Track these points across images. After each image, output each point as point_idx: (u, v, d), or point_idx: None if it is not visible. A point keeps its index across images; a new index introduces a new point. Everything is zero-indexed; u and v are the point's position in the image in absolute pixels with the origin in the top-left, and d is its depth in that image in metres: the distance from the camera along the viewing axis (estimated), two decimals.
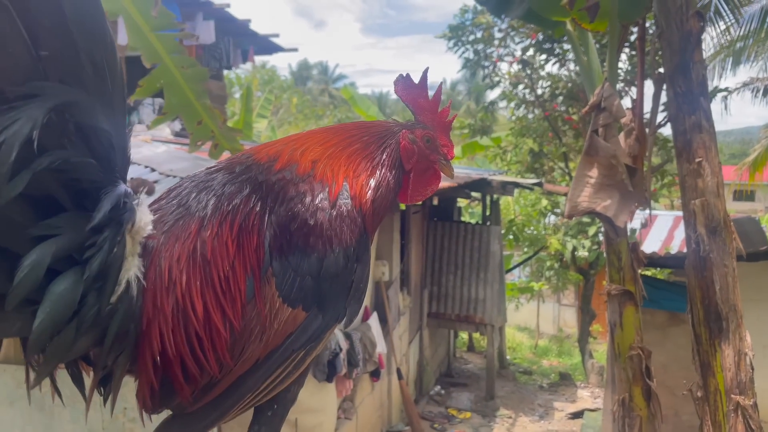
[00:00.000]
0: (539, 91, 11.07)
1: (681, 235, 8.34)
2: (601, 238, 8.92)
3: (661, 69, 3.13)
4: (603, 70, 3.71)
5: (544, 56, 10.70)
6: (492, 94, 13.27)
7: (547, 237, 12.24)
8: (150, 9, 2.94)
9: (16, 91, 0.77)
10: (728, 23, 6.89)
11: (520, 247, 13.81)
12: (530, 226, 13.08)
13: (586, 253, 11.03)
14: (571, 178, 8.18)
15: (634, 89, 8.67)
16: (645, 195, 3.44)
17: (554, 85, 10.78)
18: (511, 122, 12.27)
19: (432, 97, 1.23)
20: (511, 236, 12.94)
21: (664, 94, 3.16)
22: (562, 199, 11.25)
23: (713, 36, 7.77)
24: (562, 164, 11.47)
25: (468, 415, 8.55)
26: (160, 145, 5.90)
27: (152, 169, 4.72)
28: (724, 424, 2.75)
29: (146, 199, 0.97)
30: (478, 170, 10.89)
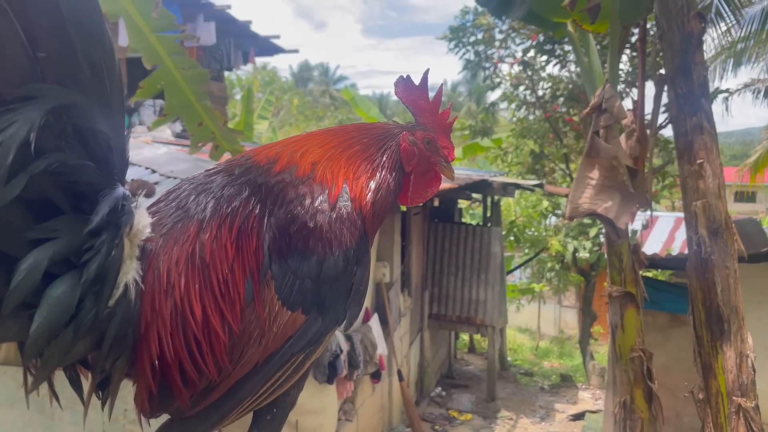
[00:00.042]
0: (540, 93, 11.07)
1: (682, 237, 8.33)
2: (602, 239, 8.91)
3: (662, 70, 3.12)
4: (604, 71, 3.70)
5: (545, 57, 10.70)
6: (493, 96, 13.26)
7: (548, 238, 12.23)
8: (151, 10, 2.94)
9: (13, 93, 0.77)
10: (729, 24, 6.89)
11: (521, 248, 13.80)
12: (531, 228, 13.07)
13: (587, 255, 11.02)
14: (572, 180, 8.17)
15: (635, 90, 8.68)
16: (646, 196, 3.44)
17: (555, 87, 10.78)
18: (512, 123, 12.27)
19: (432, 99, 1.22)
20: (512, 237, 12.94)
21: (665, 96, 3.16)
22: (563, 201, 11.25)
23: (714, 37, 7.77)
24: (563, 165, 11.46)
25: (469, 416, 8.54)
26: (161, 147, 5.90)
27: (153, 171, 4.72)
28: (726, 426, 2.75)
29: (145, 202, 0.96)
30: (479, 171, 10.88)
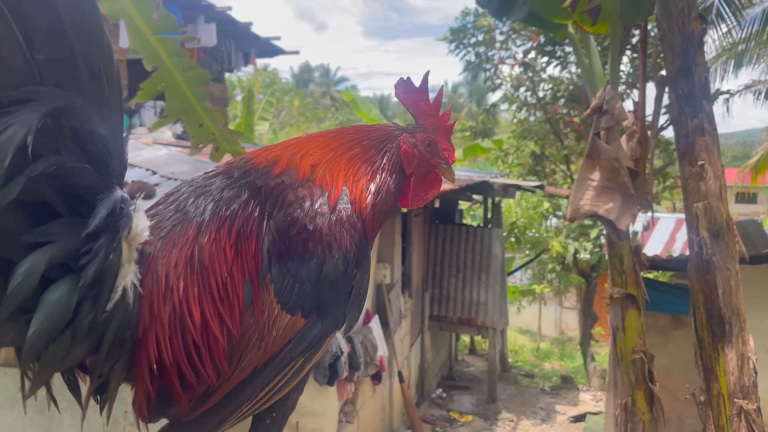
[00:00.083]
0: (541, 94, 11.06)
1: (683, 238, 8.33)
2: (603, 240, 8.91)
3: (663, 71, 3.12)
4: (605, 72, 3.70)
5: (545, 59, 10.70)
6: (493, 97, 13.24)
7: (548, 240, 12.23)
8: (151, 12, 2.93)
9: (11, 96, 0.76)
10: (730, 26, 6.89)
11: (521, 249, 13.80)
12: (532, 229, 13.07)
13: (587, 256, 11.02)
14: (573, 181, 8.16)
15: (635, 92, 8.66)
16: (647, 198, 3.43)
17: (556, 88, 10.77)
18: (513, 125, 12.28)
19: (433, 101, 1.21)
20: (512, 239, 12.94)
21: (666, 97, 3.15)
22: (563, 202, 11.24)
23: (715, 38, 7.77)
24: (564, 167, 11.45)
25: (470, 418, 8.53)
26: (162, 148, 5.90)
27: (153, 172, 4.71)
28: (728, 428, 2.74)
29: (143, 205, 0.95)
30: (480, 173, 10.88)
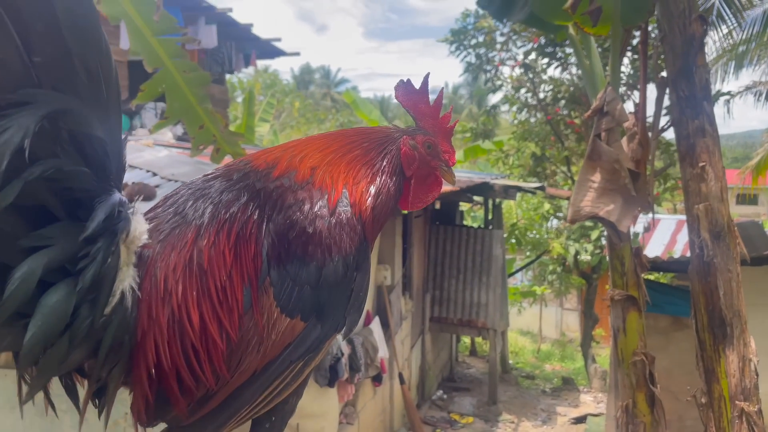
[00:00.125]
0: (541, 95, 11.06)
1: (684, 239, 8.31)
2: (604, 242, 8.89)
3: (664, 73, 3.11)
4: (605, 74, 3.69)
5: (546, 60, 10.70)
6: (494, 98, 13.25)
7: (549, 241, 12.22)
8: (152, 13, 2.94)
9: (8, 99, 0.76)
10: (731, 27, 6.89)
11: (522, 251, 13.80)
12: (532, 230, 13.07)
13: (588, 257, 11.01)
14: (574, 182, 8.14)
15: (636, 93, 8.66)
16: (648, 199, 3.42)
17: (556, 89, 10.76)
18: (514, 126, 12.27)
19: (433, 103, 1.21)
20: (513, 240, 12.94)
21: (667, 98, 3.15)
22: (564, 203, 11.23)
23: (716, 40, 7.78)
24: (565, 168, 11.45)
25: (470, 419, 8.52)
26: (162, 150, 5.90)
27: (154, 174, 4.72)
28: (729, 430, 2.73)
29: (142, 208, 0.95)
30: (481, 174, 10.88)
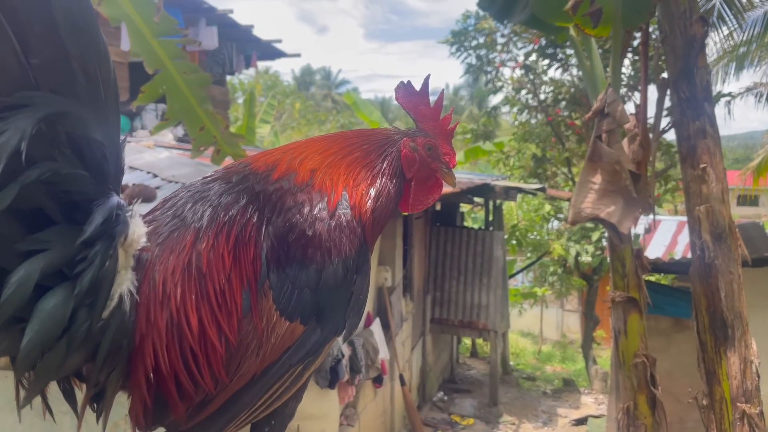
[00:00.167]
0: (542, 96, 11.05)
1: (685, 241, 8.30)
2: (605, 243, 8.88)
3: (665, 74, 3.11)
4: (606, 75, 3.68)
5: (546, 61, 10.70)
6: (495, 99, 13.25)
7: (550, 242, 12.21)
8: (152, 15, 2.94)
9: (4, 102, 0.75)
10: (731, 28, 6.87)
11: (523, 252, 13.79)
12: (533, 232, 13.05)
13: (589, 259, 11.00)
14: (574, 183, 8.13)
15: (637, 94, 8.66)
16: (649, 201, 3.42)
17: (557, 90, 10.76)
18: (514, 127, 12.27)
19: (434, 105, 1.20)
20: (514, 241, 12.92)
21: (667, 100, 3.14)
22: (565, 204, 11.22)
23: (716, 41, 7.77)
24: (565, 169, 11.44)
25: (471, 421, 8.51)
26: (163, 151, 5.90)
27: (154, 175, 4.72)
28: None
29: (140, 211, 0.94)
30: (481, 175, 10.88)
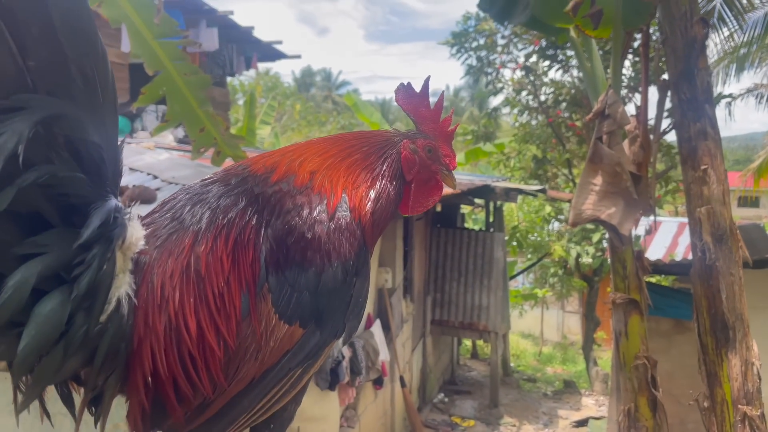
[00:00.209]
0: (542, 98, 11.05)
1: (685, 242, 8.29)
2: (605, 244, 8.88)
3: (666, 75, 3.10)
4: (607, 76, 3.68)
5: (547, 63, 10.70)
6: (495, 101, 13.24)
7: (550, 243, 12.20)
8: (153, 16, 2.94)
9: (1, 104, 0.75)
10: (732, 29, 6.86)
11: (523, 253, 13.78)
12: (534, 233, 13.05)
13: (590, 260, 10.99)
14: (575, 185, 8.13)
15: (637, 96, 8.65)
16: (650, 202, 3.41)
17: (557, 92, 10.76)
18: (515, 128, 12.27)
19: (434, 107, 1.20)
20: (514, 243, 12.92)
21: (668, 101, 3.13)
22: (565, 206, 11.22)
23: (717, 42, 7.73)
24: (566, 171, 11.44)
25: (472, 423, 8.50)
26: (163, 152, 5.90)
27: (154, 177, 4.71)
28: None
29: (138, 213, 0.94)
30: (482, 177, 10.88)
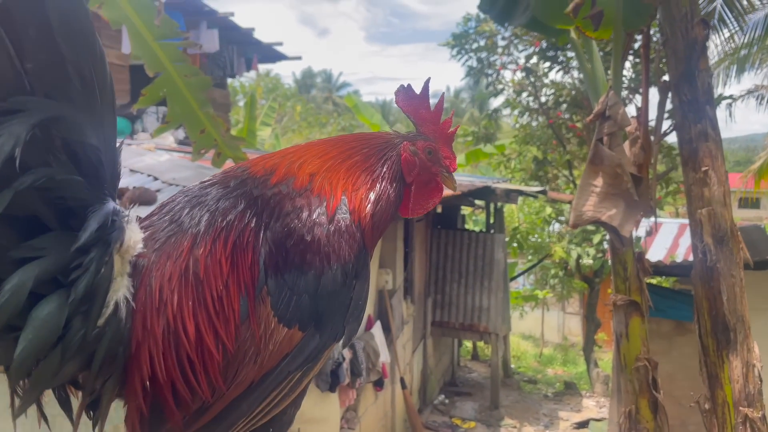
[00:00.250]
0: (543, 99, 11.05)
1: (686, 243, 8.29)
2: (606, 246, 8.87)
3: (666, 77, 3.10)
4: (607, 78, 3.67)
5: (547, 64, 10.70)
6: (496, 102, 13.26)
7: (551, 245, 12.20)
8: (153, 18, 2.94)
9: None
10: (732, 31, 6.86)
11: (524, 255, 13.78)
12: (534, 234, 13.05)
13: (590, 262, 10.99)
14: (575, 186, 8.12)
15: (638, 97, 8.65)
16: (650, 204, 3.40)
17: (558, 93, 10.76)
18: (515, 130, 12.27)
19: (434, 108, 1.19)
20: (515, 244, 12.92)
21: (669, 102, 3.13)
22: (566, 207, 11.22)
23: (717, 43, 7.74)
24: (566, 172, 11.44)
25: (472, 424, 8.49)
26: (164, 154, 5.90)
27: (155, 178, 4.71)
28: None
29: (137, 216, 0.93)
30: (482, 178, 10.88)
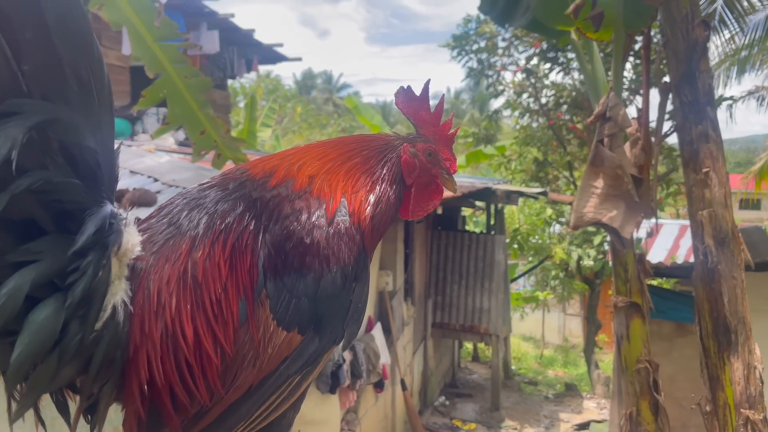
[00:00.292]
0: (543, 100, 11.05)
1: (687, 244, 8.30)
2: (607, 247, 8.87)
3: (667, 78, 3.09)
4: (608, 79, 3.67)
5: (548, 65, 10.70)
6: (496, 103, 13.28)
7: (551, 246, 12.20)
8: (153, 19, 2.94)
9: None
10: (733, 32, 6.87)
11: (524, 256, 13.78)
12: (535, 236, 13.05)
13: (591, 263, 10.99)
14: (576, 187, 8.12)
15: (639, 98, 8.65)
16: (651, 205, 3.40)
17: (558, 94, 10.76)
18: (516, 131, 12.28)
19: (434, 110, 1.19)
20: (515, 245, 12.92)
21: (669, 104, 3.13)
22: (566, 208, 11.22)
23: (718, 45, 7.76)
24: (567, 173, 11.44)
25: (473, 426, 8.49)
26: (164, 155, 5.89)
27: (155, 179, 4.70)
28: None
29: (135, 218, 0.93)
30: (483, 179, 10.88)
